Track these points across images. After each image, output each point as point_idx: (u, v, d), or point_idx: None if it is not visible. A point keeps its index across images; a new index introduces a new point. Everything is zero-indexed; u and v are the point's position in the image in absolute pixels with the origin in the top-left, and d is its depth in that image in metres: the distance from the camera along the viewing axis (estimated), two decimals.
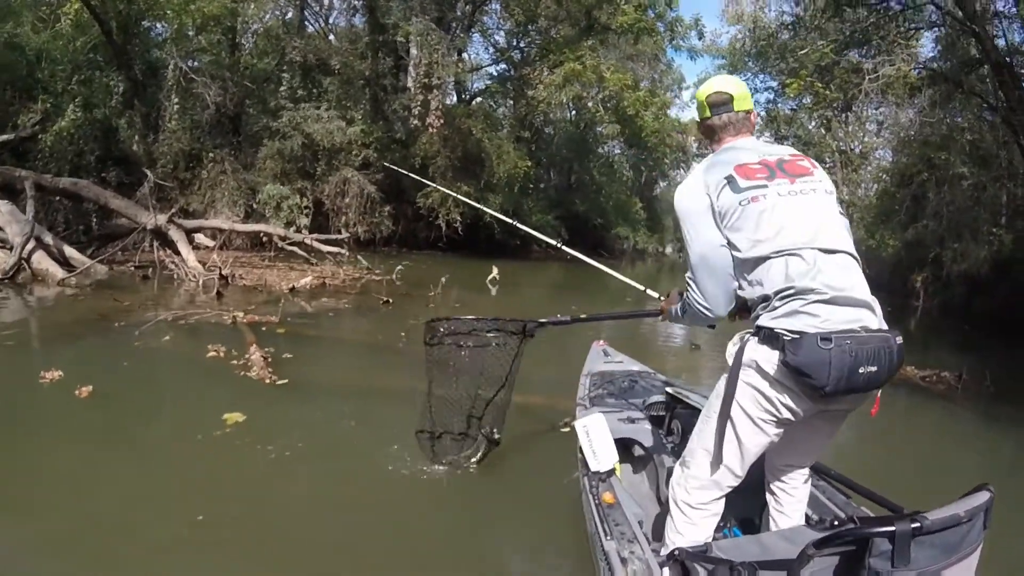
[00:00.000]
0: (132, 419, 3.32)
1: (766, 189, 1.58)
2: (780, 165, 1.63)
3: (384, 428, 3.37)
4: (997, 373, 6.10)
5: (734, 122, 1.77)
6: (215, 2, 14.89)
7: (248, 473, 2.78)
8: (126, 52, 13.76)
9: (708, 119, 1.79)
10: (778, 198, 1.57)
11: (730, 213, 1.58)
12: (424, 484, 2.82)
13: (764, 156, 1.66)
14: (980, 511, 1.22)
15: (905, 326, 13.20)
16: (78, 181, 10.46)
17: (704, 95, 1.80)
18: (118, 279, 8.29)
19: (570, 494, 2.53)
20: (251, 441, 3.03)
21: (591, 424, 2.19)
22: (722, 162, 1.65)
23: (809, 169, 1.66)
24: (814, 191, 1.61)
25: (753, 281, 1.58)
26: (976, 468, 3.82)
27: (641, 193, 36.54)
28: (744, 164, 1.62)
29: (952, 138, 14.43)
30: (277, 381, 3.92)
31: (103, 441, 3.06)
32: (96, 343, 4.91)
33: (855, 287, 1.53)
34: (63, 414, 3.31)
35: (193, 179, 13.86)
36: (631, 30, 18.91)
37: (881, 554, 1.14)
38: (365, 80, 16.82)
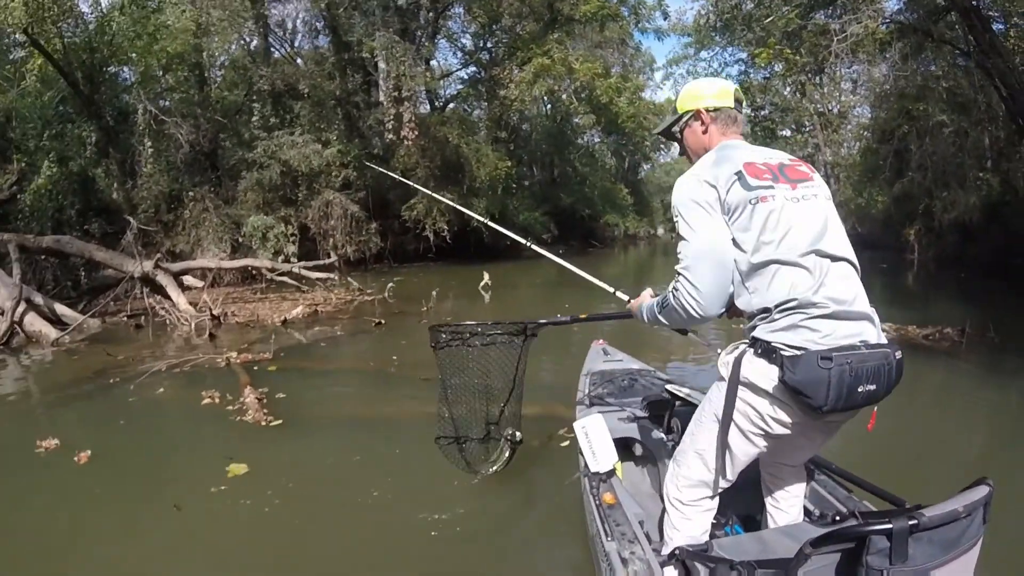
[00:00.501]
0: (133, 482, 3.26)
1: (773, 190, 1.53)
2: (781, 169, 1.59)
3: (387, 456, 3.36)
4: (1000, 320, 6.08)
5: (741, 121, 1.76)
6: (177, 40, 14.84)
7: (260, 529, 2.73)
8: (94, 102, 13.68)
9: (730, 109, 1.73)
10: (784, 201, 1.52)
11: (739, 210, 1.52)
12: (431, 492, 2.86)
13: (766, 159, 1.62)
14: (979, 505, 1.20)
15: (902, 281, 13.20)
16: (60, 238, 10.39)
17: (724, 86, 1.75)
18: (112, 331, 8.22)
19: (572, 495, 2.54)
20: (257, 493, 2.98)
21: (590, 425, 2.18)
22: (729, 158, 1.59)
23: (808, 174, 1.62)
24: (815, 196, 1.57)
25: (753, 288, 1.52)
26: (986, 431, 3.79)
27: (626, 178, 36.53)
28: (752, 163, 1.58)
29: (928, 88, 14.41)
30: (272, 423, 3.88)
31: (105, 508, 3.00)
32: (92, 403, 4.86)
33: (857, 299, 1.50)
34: (64, 483, 3.26)
35: (176, 220, 13.79)
36: (595, 18, 18.86)
37: (879, 551, 1.13)
38: (336, 100, 16.75)
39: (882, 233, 18.92)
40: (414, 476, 3.19)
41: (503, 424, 2.86)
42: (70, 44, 12.96)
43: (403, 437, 3.76)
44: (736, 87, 1.78)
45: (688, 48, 22.13)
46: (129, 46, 13.91)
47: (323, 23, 17.79)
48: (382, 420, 4.15)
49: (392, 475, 3.20)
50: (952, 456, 3.35)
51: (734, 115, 1.73)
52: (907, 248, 16.44)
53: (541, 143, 26.30)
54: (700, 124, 1.75)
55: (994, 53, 10.07)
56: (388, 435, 3.86)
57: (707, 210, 1.54)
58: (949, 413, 4.09)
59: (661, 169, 49.77)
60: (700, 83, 1.80)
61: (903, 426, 3.71)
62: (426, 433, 3.58)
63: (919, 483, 2.75)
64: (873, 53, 11.42)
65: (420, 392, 4.68)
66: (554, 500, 2.78)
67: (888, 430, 3.56)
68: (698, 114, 1.74)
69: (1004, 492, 1.34)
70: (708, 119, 1.73)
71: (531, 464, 3.18)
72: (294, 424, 3.93)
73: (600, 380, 3.07)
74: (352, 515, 2.84)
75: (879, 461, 2.96)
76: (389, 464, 3.39)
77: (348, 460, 3.42)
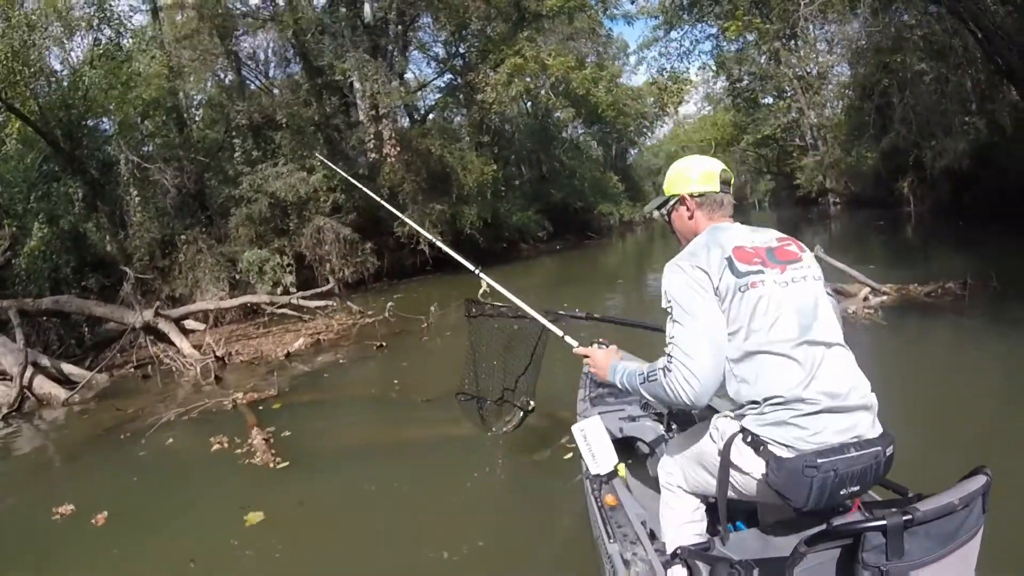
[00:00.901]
0: (150, 540, 3.26)
1: (763, 275, 1.53)
2: (770, 252, 1.59)
3: (393, 481, 3.37)
4: (1002, 267, 6.02)
5: (728, 203, 1.75)
6: (152, 86, 14.90)
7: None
8: (76, 157, 13.73)
9: (716, 194, 1.72)
10: (774, 286, 1.52)
11: (728, 297, 1.51)
12: (440, 499, 2.94)
13: (754, 242, 1.61)
14: (977, 496, 1.18)
15: (901, 236, 13.14)
16: (59, 298, 10.44)
17: (710, 169, 1.74)
18: (120, 384, 8.23)
19: (575, 498, 2.58)
20: (272, 540, 2.98)
21: (588, 428, 2.19)
22: (718, 243, 1.59)
23: (797, 255, 1.61)
24: (804, 279, 1.56)
25: (742, 377, 1.50)
26: (996, 391, 3.74)
27: (615, 166, 36.47)
28: (741, 247, 1.57)
29: (903, 39, 14.35)
30: (280, 464, 3.89)
31: (125, 570, 3.01)
32: (105, 462, 4.86)
33: (852, 390, 1.47)
34: (82, 548, 3.26)
35: (172, 265, 13.82)
36: (562, 11, 18.84)
37: (875, 548, 1.12)
38: (315, 125, 16.76)
39: (875, 190, 18.83)
40: (421, 497, 3.22)
41: (518, 392, 2.99)
42: (45, 103, 13.02)
43: (407, 462, 3.79)
44: (723, 168, 1.76)
45: (657, 30, 22.09)
46: (104, 98, 13.99)
47: (293, 51, 17.79)
48: (386, 447, 4.19)
49: (398, 498, 3.23)
50: (963, 424, 3.32)
51: (720, 199, 1.73)
52: (902, 202, 16.36)
53: (526, 142, 26.27)
54: (686, 209, 1.75)
55: None
56: (392, 462, 3.89)
57: (702, 295, 1.52)
58: (957, 375, 4.05)
59: (649, 152, 49.73)
60: (685, 166, 1.79)
61: (911, 396, 3.69)
62: (430, 455, 3.61)
63: (928, 455, 2.74)
64: (843, 11, 11.37)
65: (422, 414, 4.71)
66: (561, 504, 2.81)
67: (896, 401, 3.53)
68: (683, 200, 1.75)
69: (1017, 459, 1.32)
70: (693, 205, 1.73)
71: (536, 467, 3.22)
72: (301, 463, 3.94)
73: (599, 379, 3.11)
74: (364, 546, 2.86)
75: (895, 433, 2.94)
76: (395, 489, 3.41)
77: (356, 493, 3.45)
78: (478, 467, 3.57)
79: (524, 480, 3.12)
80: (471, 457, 3.79)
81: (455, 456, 3.87)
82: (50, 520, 3.60)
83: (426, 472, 3.63)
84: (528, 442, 3.55)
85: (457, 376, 3.25)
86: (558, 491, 2.94)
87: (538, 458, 3.40)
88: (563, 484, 2.91)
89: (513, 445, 3.46)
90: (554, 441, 3.61)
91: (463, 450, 3.95)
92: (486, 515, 2.93)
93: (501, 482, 3.21)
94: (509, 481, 3.10)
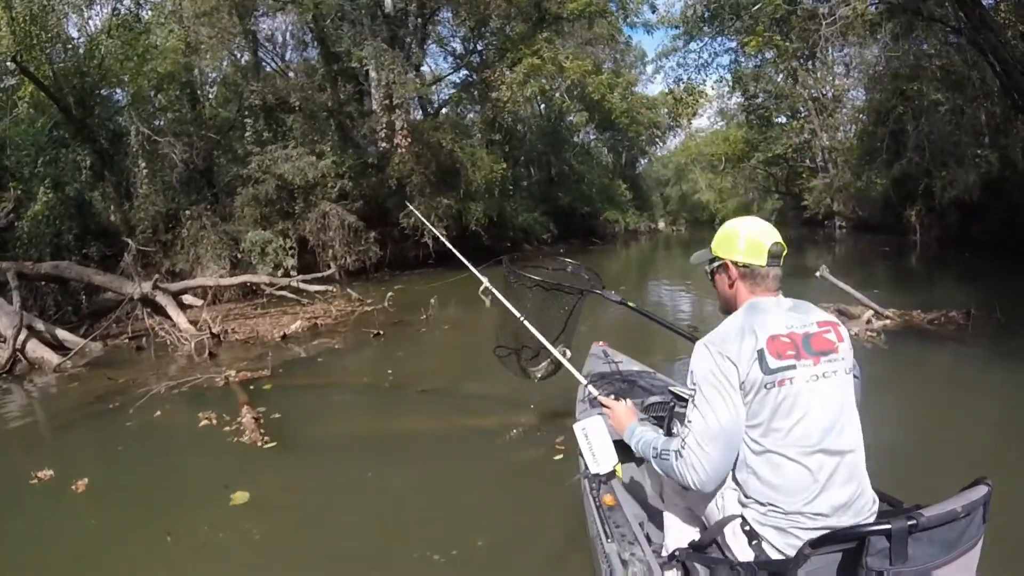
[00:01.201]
0: (129, 511, 3.22)
1: (794, 371, 1.47)
2: (807, 341, 1.51)
3: (380, 472, 3.33)
4: (1006, 299, 5.98)
5: (775, 277, 1.63)
6: (167, 60, 14.88)
7: (255, 558, 2.69)
8: (87, 125, 13.71)
9: (761, 268, 1.61)
10: (803, 384, 1.47)
11: (752, 392, 1.47)
12: (431, 493, 2.93)
13: (791, 327, 1.53)
14: (978, 505, 1.19)
15: (906, 263, 13.12)
16: (59, 263, 10.40)
17: (760, 240, 1.62)
18: (114, 354, 8.21)
19: (572, 497, 2.54)
20: (259, 520, 2.95)
21: (589, 426, 2.16)
22: (752, 329, 1.51)
23: (834, 344, 1.54)
24: (835, 372, 1.51)
25: (752, 470, 1.49)
26: (995, 420, 3.72)
27: (623, 174, 36.44)
28: (775, 337, 1.50)
29: (921, 67, 14.32)
30: (268, 443, 3.84)
31: (102, 539, 2.96)
32: (91, 429, 4.84)
33: (855, 500, 1.46)
34: (59, 514, 3.23)
35: (175, 240, 13.78)
36: (583, 15, 18.81)
37: (878, 552, 1.13)
38: (328, 111, 16.73)
39: (882, 216, 18.78)
40: (413, 489, 3.17)
41: (556, 343, 2.99)
42: (60, 70, 12.99)
43: (400, 453, 3.76)
44: (775, 241, 1.63)
45: (677, 40, 22.04)
46: (119, 68, 13.97)
47: (311, 35, 17.76)
48: (378, 436, 4.17)
49: (390, 489, 3.18)
50: (960, 450, 3.29)
51: (765, 273, 1.61)
52: (909, 229, 16.32)
53: (537, 143, 26.26)
54: (727, 277, 1.67)
55: (985, 28, 9.97)
56: (385, 451, 3.86)
57: (726, 389, 1.48)
58: (957, 404, 4.02)
59: (659, 163, 49.74)
60: (734, 231, 1.68)
61: (910, 421, 3.65)
62: (423, 447, 3.57)
63: (925, 478, 2.71)
64: (863, 35, 11.35)
65: (415, 406, 4.68)
66: (555, 503, 2.79)
67: (895, 425, 3.51)
68: (727, 266, 1.66)
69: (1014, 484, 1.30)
70: (736, 274, 1.64)
71: (532, 467, 3.18)
72: (289, 445, 3.90)
73: (601, 382, 3.05)
74: (349, 536, 2.82)
75: (886, 456, 2.91)
76: (386, 479, 3.36)
77: (344, 480, 3.41)
78: (473, 462, 3.55)
79: (520, 477, 3.09)
80: (465, 451, 3.76)
81: (449, 450, 3.84)
82: (28, 484, 3.56)
83: (418, 464, 3.59)
84: (524, 440, 3.52)
85: (456, 366, 3.23)
86: (555, 489, 2.91)
87: (534, 455, 3.37)
88: (559, 482, 2.89)
89: (508, 441, 3.43)
90: (549, 440, 3.58)
91: (457, 444, 3.93)
92: (480, 511, 2.89)
93: (496, 478, 3.17)
94: (505, 478, 3.07)
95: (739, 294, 1.64)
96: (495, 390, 5.04)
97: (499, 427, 3.97)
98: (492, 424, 4.06)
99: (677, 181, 50.29)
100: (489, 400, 4.73)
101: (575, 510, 2.35)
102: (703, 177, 44.51)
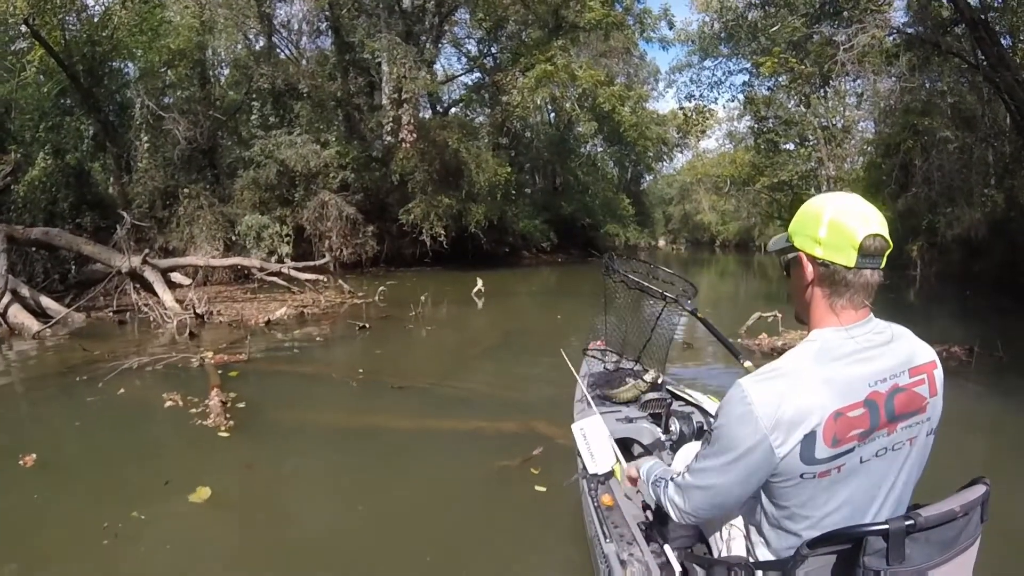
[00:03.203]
0: (79, 494, 3.02)
1: (851, 455, 1.11)
2: (891, 402, 1.12)
3: (352, 467, 3.17)
4: (1009, 339, 5.89)
5: (865, 286, 1.15)
6: (181, 37, 14.79)
7: (202, 551, 2.51)
8: (94, 95, 13.61)
9: (848, 270, 1.13)
10: (859, 465, 1.13)
11: (783, 478, 1.13)
12: (423, 492, 2.86)
13: (875, 384, 1.11)
14: (976, 505, 1.17)
15: (905, 297, 13.01)
16: (49, 230, 10.25)
17: (850, 228, 1.11)
18: (96, 326, 8.05)
19: (570, 497, 2.52)
20: (214, 510, 2.79)
21: (587, 426, 2.15)
22: (812, 400, 1.09)
23: (924, 401, 1.17)
24: (911, 441, 1.17)
25: (763, 536, 1.24)
26: (994, 457, 3.60)
27: (628, 189, 36.50)
28: (842, 413, 1.08)
29: (934, 103, 14.30)
30: (228, 429, 3.68)
31: (43, 519, 2.77)
32: (53, 401, 4.66)
33: None
34: (2, 486, 3.06)
35: (171, 217, 13.66)
36: (600, 26, 18.80)
37: (876, 552, 1.10)
38: (337, 101, 16.66)
39: None
40: (390, 486, 3.04)
41: (643, 362, 2.90)
42: (72, 37, 12.90)
43: (362, 448, 3.62)
44: (870, 233, 1.10)
45: (692, 56, 22.05)
46: (131, 41, 13.87)
47: (327, 24, 17.71)
48: (341, 430, 4.01)
49: (362, 486, 3.03)
50: (959, 478, 3.14)
51: (852, 280, 1.13)
52: (910, 264, 16.27)
53: (543, 151, 26.25)
54: (804, 274, 1.20)
55: (1002, 66, 9.93)
56: (345, 445, 3.71)
57: (745, 465, 1.14)
58: (959, 438, 3.88)
59: (664, 180, 49.85)
60: (820, 209, 1.17)
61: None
62: (392, 445, 3.41)
63: None
64: (879, 64, 11.30)
65: (386, 402, 4.53)
66: (553, 502, 2.75)
67: None
68: (800, 260, 1.20)
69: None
70: (812, 274, 1.18)
71: (530, 467, 3.12)
72: (253, 432, 3.75)
73: (598, 381, 3.01)
74: (314, 529, 2.67)
75: None
76: (357, 474, 3.23)
77: (312, 472, 3.27)
78: (448, 461, 3.40)
79: (517, 476, 2.99)
80: (438, 450, 3.61)
81: (420, 448, 3.69)
82: None
83: (390, 461, 3.46)
84: (525, 440, 3.40)
85: (428, 367, 3.07)
86: (552, 490, 2.84)
87: (515, 455, 3.24)
88: (557, 482, 2.81)
89: (509, 446, 3.30)
90: (530, 442, 3.45)
91: (429, 443, 3.77)
92: (472, 511, 2.81)
93: (490, 477, 3.04)
94: (500, 477, 2.96)
95: (815, 302, 1.19)
96: (473, 391, 4.94)
97: (476, 428, 3.83)
98: (468, 425, 3.92)
99: (680, 200, 50.42)
100: (466, 401, 4.61)
101: (574, 509, 2.33)
102: (707, 198, 44.59)
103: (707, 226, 49.35)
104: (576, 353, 3.45)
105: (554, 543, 2.51)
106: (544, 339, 6.48)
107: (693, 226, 51.10)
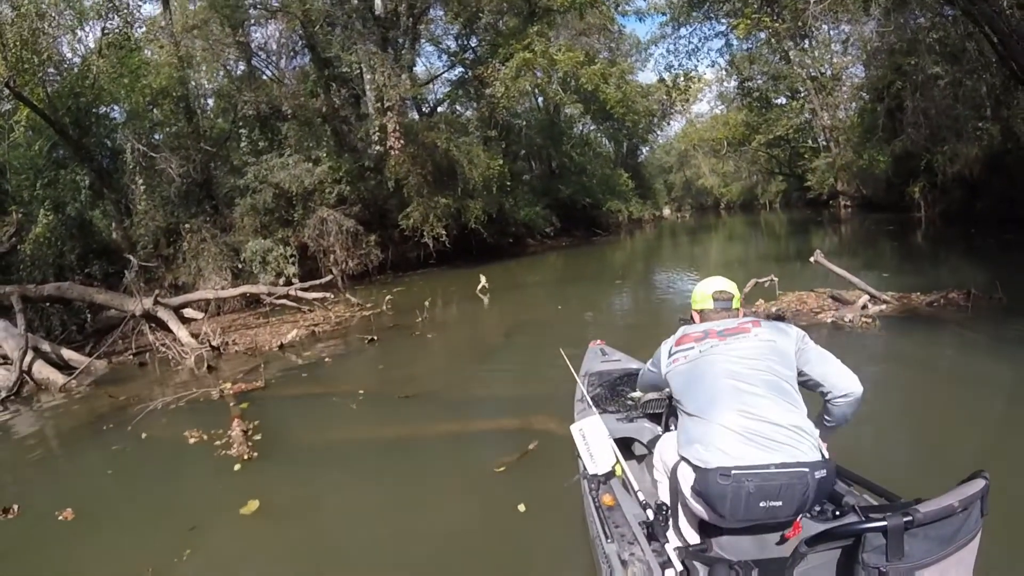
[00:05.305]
0: (119, 543, 3.16)
1: (690, 351, 1.92)
2: (722, 332, 1.92)
3: (368, 479, 3.31)
4: (1008, 278, 5.86)
5: (721, 311, 2.08)
6: (161, 75, 14.94)
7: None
8: (84, 145, 13.81)
9: (709, 311, 2.10)
10: (698, 355, 1.89)
11: (665, 372, 1.99)
12: (423, 493, 2.95)
13: (712, 327, 1.96)
14: (975, 499, 1.19)
15: (911, 241, 12.93)
16: (61, 284, 10.51)
17: (709, 290, 2.13)
18: (118, 371, 8.28)
19: (572, 498, 2.55)
20: (240, 542, 2.95)
21: (587, 427, 2.18)
22: (678, 334, 2.04)
23: (748, 329, 1.91)
24: (739, 339, 1.87)
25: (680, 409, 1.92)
26: (993, 409, 3.63)
27: (625, 163, 36.19)
28: (688, 334, 2.00)
29: (917, 41, 14.06)
30: (251, 457, 3.83)
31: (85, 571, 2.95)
32: (86, 452, 4.83)
33: (772, 427, 1.59)
34: (40, 546, 3.18)
35: (176, 253, 13.88)
36: (573, 5, 18.64)
37: (875, 548, 1.14)
38: (322, 117, 16.74)
39: (886, 193, 18.55)
40: (401, 493, 3.18)
41: None
42: (54, 92, 13.09)
43: (379, 461, 3.75)
44: (716, 289, 2.13)
45: (665, 27, 21.78)
46: (113, 86, 14.05)
47: (302, 42, 17.77)
48: (370, 444, 4.15)
49: (373, 494, 3.18)
50: (958, 440, 3.23)
51: (725, 309, 2.10)
52: (913, 206, 16.10)
53: (535, 138, 26.12)
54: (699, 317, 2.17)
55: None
56: (365, 460, 3.85)
57: (654, 372, 2.11)
58: (956, 394, 3.91)
59: (661, 150, 49.38)
60: (703, 287, 2.18)
61: (906, 412, 3.59)
62: (404, 453, 3.54)
63: (923, 471, 2.69)
64: (855, 11, 11.14)
65: (394, 413, 4.67)
66: (555, 503, 2.80)
67: (891, 417, 3.45)
68: (697, 312, 2.17)
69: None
70: (698, 318, 2.16)
71: (532, 468, 3.19)
72: (272, 458, 3.90)
73: (598, 380, 3.09)
74: (342, 543, 2.82)
75: (882, 449, 2.90)
76: (370, 486, 3.38)
77: (335, 491, 3.40)
78: (457, 465, 3.53)
79: (520, 478, 3.08)
80: (448, 455, 3.75)
81: (430, 454, 3.83)
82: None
83: (407, 470, 3.59)
84: (525, 441, 3.50)
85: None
86: (554, 490, 2.91)
87: (533, 457, 3.35)
88: (558, 482, 2.88)
89: (508, 446, 3.40)
90: (550, 439, 3.56)
91: (439, 448, 3.92)
92: (474, 514, 2.90)
93: (490, 480, 3.15)
94: (500, 478, 3.05)
95: (703, 318, 2.19)
96: (478, 394, 5.06)
97: (482, 431, 3.96)
98: (475, 428, 4.06)
99: (680, 167, 49.96)
100: (473, 404, 4.73)
101: (577, 510, 2.36)
102: (706, 162, 44.19)
103: (710, 190, 48.89)
104: (576, 353, 3.56)
105: (557, 544, 2.56)
106: (547, 333, 6.60)
107: (696, 192, 50.66)
